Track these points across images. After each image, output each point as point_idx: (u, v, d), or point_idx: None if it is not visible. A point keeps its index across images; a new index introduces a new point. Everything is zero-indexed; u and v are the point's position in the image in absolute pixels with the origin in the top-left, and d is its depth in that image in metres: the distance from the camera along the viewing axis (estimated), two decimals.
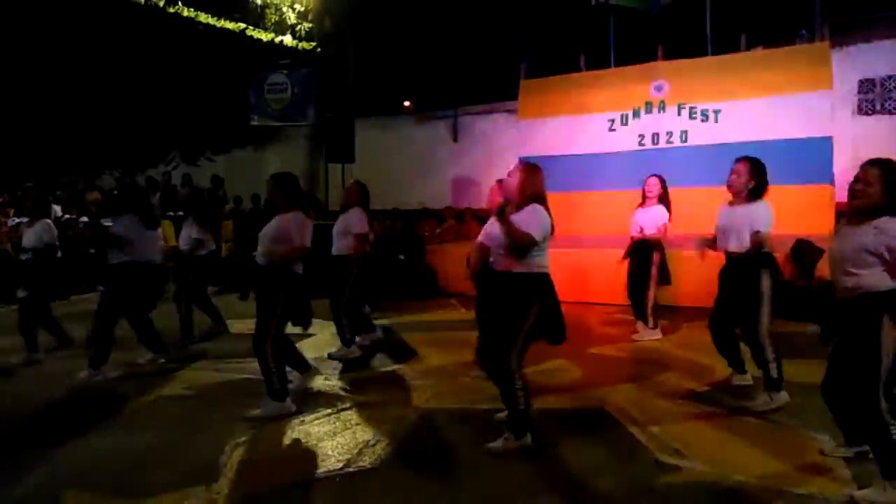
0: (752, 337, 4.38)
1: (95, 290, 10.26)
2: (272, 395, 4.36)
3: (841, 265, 3.13)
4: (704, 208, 6.54)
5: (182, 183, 15.90)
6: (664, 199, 6.29)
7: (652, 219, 6.27)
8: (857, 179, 3.09)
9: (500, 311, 3.72)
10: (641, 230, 6.31)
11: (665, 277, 6.42)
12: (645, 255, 6.31)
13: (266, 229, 4.47)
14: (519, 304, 3.63)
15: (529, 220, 3.60)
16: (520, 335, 3.62)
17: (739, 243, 4.34)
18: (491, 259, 3.90)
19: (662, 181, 6.35)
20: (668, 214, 6.25)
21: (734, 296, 4.43)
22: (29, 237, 5.86)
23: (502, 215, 3.56)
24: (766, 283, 4.30)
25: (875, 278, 3.01)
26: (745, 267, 4.34)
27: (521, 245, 3.59)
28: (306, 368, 4.99)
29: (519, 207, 3.69)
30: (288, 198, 4.50)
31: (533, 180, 3.74)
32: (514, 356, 3.61)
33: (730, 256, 4.45)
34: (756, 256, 4.32)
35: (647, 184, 6.39)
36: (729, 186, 4.48)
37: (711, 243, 4.60)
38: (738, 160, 4.49)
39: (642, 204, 6.42)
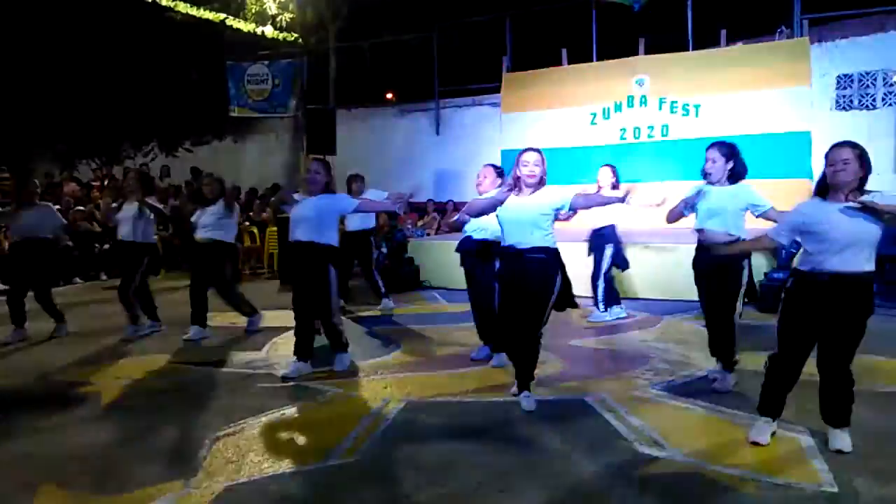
0: (728, 323, 4.40)
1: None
2: (343, 348, 5.10)
3: (853, 247, 3.21)
4: None
5: (161, 174, 15.70)
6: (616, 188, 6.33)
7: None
8: (835, 160, 3.22)
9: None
10: None
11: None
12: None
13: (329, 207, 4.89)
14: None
15: None
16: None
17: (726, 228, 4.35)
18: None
19: (615, 170, 6.61)
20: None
21: (719, 283, 4.41)
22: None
23: None
24: (745, 270, 4.37)
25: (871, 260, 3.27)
26: (731, 256, 4.32)
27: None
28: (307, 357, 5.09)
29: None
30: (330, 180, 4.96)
31: None
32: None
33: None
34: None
35: (601, 173, 6.63)
36: (706, 174, 4.47)
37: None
38: (710, 147, 4.50)
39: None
